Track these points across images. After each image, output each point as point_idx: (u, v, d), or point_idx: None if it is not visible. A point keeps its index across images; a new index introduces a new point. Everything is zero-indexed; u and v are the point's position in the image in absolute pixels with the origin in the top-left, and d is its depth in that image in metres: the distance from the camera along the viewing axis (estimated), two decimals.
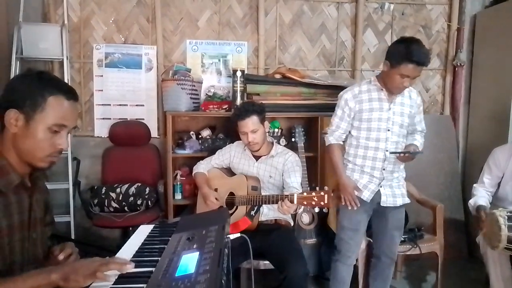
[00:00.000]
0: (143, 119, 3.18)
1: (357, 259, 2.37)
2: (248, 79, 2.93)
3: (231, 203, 2.25)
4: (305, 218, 2.54)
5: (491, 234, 2.04)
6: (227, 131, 3.11)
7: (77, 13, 3.09)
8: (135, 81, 3.17)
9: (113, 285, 0.97)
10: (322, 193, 1.87)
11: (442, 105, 3.54)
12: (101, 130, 3.16)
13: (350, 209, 2.14)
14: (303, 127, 2.81)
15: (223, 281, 0.93)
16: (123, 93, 3.16)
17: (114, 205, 2.77)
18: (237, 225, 2.08)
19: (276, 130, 3.12)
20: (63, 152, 1.18)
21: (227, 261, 1.05)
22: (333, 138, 2.23)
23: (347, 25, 3.38)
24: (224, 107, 3.00)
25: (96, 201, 2.78)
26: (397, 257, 2.35)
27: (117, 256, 1.13)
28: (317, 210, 2.52)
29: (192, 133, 3.09)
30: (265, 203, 2.12)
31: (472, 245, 3.21)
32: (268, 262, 2.16)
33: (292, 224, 2.43)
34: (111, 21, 3.14)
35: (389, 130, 2.11)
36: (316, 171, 2.94)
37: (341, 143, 2.25)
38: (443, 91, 3.52)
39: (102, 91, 3.14)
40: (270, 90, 2.93)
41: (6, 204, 1.09)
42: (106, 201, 2.77)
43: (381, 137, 2.11)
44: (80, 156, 3.08)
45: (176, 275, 0.93)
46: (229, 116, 2.74)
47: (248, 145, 2.32)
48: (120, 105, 3.17)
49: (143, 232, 1.39)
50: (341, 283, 2.28)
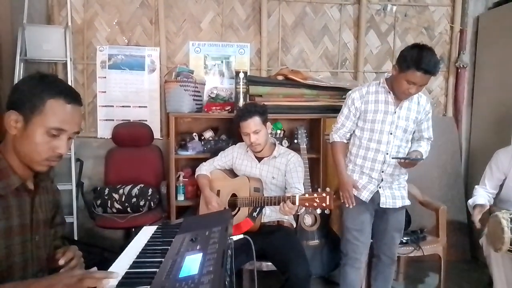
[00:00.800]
0: (146, 121, 3.19)
1: None
2: (250, 81, 2.94)
3: (234, 204, 2.26)
4: (308, 219, 2.54)
5: (494, 236, 2.03)
6: (230, 132, 3.12)
7: (81, 14, 3.10)
8: (138, 83, 3.18)
9: (117, 286, 0.97)
10: (324, 195, 1.87)
11: (445, 106, 3.53)
12: (104, 131, 3.16)
13: (347, 206, 2.14)
14: (306, 128, 2.80)
15: (226, 282, 0.93)
16: (126, 95, 3.17)
17: (117, 206, 2.77)
18: (240, 226, 2.08)
19: (278, 131, 3.12)
20: (63, 157, 1.13)
21: (230, 262, 1.05)
22: (337, 136, 2.23)
23: (349, 27, 3.38)
24: (226, 109, 3.00)
25: (99, 202, 2.78)
26: (399, 259, 2.34)
27: (97, 270, 1.07)
28: (319, 211, 2.52)
29: (194, 134, 3.10)
30: (268, 205, 2.12)
31: (475, 247, 3.20)
32: (270, 263, 2.17)
33: (294, 225, 2.43)
34: (114, 23, 3.15)
35: (391, 133, 2.10)
36: (318, 172, 2.94)
37: (345, 142, 2.25)
38: (446, 93, 3.52)
39: (105, 92, 3.15)
40: (272, 91, 2.94)
41: (4, 206, 1.07)
42: (109, 202, 2.77)
43: (383, 139, 2.10)
44: (83, 157, 3.09)
45: (179, 276, 0.93)
46: (232, 117, 2.75)
47: (250, 146, 2.32)
48: (123, 106, 3.18)
49: (146, 233, 1.38)
50: None
